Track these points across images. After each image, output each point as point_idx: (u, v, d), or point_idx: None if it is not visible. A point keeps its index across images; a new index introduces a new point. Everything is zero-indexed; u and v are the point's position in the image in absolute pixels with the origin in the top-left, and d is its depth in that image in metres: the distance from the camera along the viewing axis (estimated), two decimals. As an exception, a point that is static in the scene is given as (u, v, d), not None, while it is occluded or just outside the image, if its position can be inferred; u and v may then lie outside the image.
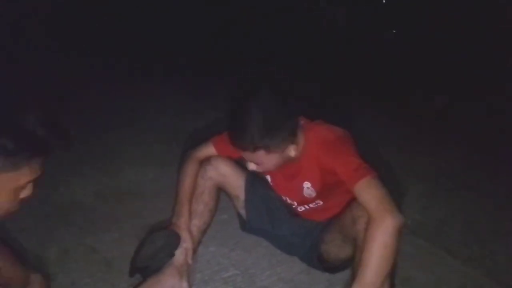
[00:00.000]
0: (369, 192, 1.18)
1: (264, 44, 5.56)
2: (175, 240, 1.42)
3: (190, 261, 1.44)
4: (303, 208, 1.50)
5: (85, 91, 3.44)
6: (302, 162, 1.34)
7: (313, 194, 1.39)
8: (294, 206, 1.51)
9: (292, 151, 1.29)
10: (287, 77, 3.88)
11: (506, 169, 2.47)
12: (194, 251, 1.49)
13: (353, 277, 1.22)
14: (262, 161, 1.28)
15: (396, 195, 1.21)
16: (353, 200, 1.28)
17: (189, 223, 1.47)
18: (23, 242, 1.60)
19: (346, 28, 6.39)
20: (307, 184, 1.38)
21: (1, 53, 3.95)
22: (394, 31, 6.45)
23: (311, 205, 1.47)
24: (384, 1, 6.39)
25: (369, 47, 5.80)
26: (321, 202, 1.44)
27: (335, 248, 1.42)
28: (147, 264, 1.41)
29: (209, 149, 1.52)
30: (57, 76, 3.72)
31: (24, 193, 0.93)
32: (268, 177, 1.51)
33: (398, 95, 3.90)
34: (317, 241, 1.47)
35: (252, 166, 1.33)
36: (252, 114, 1.22)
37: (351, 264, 1.39)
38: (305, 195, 1.41)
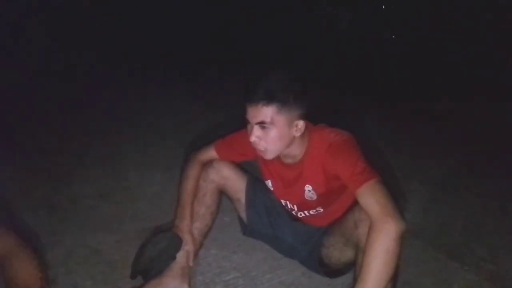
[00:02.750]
0: (372, 196, 1.17)
1: (264, 44, 5.57)
2: (177, 243, 1.43)
3: (191, 264, 1.45)
4: (303, 214, 1.50)
5: (86, 93, 3.46)
6: (305, 164, 1.34)
7: (314, 197, 1.38)
8: (294, 212, 1.51)
9: (298, 130, 1.28)
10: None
11: (508, 171, 2.46)
12: (196, 253, 1.49)
13: (355, 281, 1.22)
14: (271, 122, 1.23)
15: (398, 198, 1.21)
16: (355, 204, 1.27)
17: (191, 226, 1.47)
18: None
19: (348, 30, 6.40)
20: (308, 187, 1.38)
21: (1, 53, 3.99)
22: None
23: (311, 212, 1.46)
24: (383, 7, 6.38)
25: (369, 48, 5.81)
26: (322, 210, 1.44)
27: (336, 252, 1.41)
28: (148, 266, 1.42)
29: (211, 153, 1.53)
30: (57, 77, 3.75)
31: None
32: (269, 182, 1.51)
33: (400, 97, 3.89)
34: (318, 245, 1.47)
35: (255, 135, 1.26)
36: (268, 75, 1.25)
37: (351, 268, 1.40)
38: (307, 198, 1.40)
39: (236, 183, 1.56)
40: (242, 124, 1.45)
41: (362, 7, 6.47)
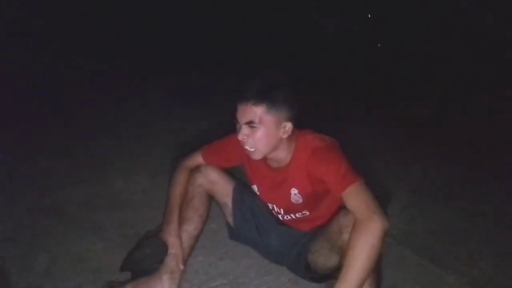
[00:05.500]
0: (357, 197, 1.22)
1: (254, 50, 5.62)
2: (162, 249, 1.43)
3: (181, 267, 1.45)
4: (289, 217, 1.51)
5: (79, 98, 3.43)
6: (291, 168, 1.37)
7: (300, 200, 1.40)
8: (280, 215, 1.53)
9: (285, 132, 1.30)
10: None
11: (492, 180, 2.51)
12: (187, 256, 1.50)
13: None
14: (259, 122, 1.26)
15: (383, 203, 1.24)
16: (340, 210, 1.31)
17: (178, 229, 1.48)
18: (9, 251, 1.59)
19: (334, 37, 6.50)
20: (294, 191, 1.40)
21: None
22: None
23: (297, 215, 1.48)
24: (369, 16, 6.51)
25: (355, 55, 5.89)
26: (308, 213, 1.46)
27: (322, 258, 1.42)
28: (135, 268, 1.44)
29: (197, 159, 1.56)
30: (54, 81, 3.71)
31: None
32: (255, 187, 1.52)
33: (385, 103, 3.95)
34: (304, 251, 1.48)
35: (243, 133, 1.28)
36: (261, 75, 1.28)
37: (337, 273, 1.41)
38: (293, 201, 1.42)
39: (223, 187, 1.58)
40: (229, 131, 1.47)
41: (348, 15, 6.59)
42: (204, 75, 4.39)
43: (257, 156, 1.33)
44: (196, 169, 1.54)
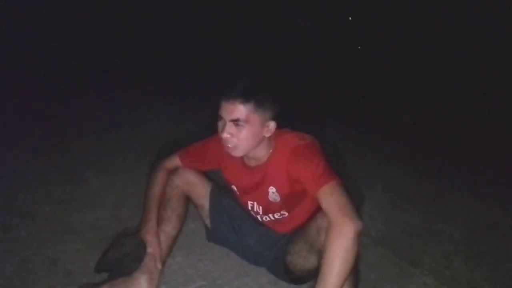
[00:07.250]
0: (331, 197, 1.21)
1: (257, 49, 5.62)
2: (141, 249, 1.42)
3: (159, 266, 1.45)
4: (268, 219, 1.51)
5: (79, 98, 3.42)
6: (269, 166, 1.36)
7: (278, 199, 1.40)
8: (259, 215, 1.52)
9: (268, 130, 1.31)
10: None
11: (469, 182, 2.52)
12: (166, 256, 1.50)
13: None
14: (246, 120, 1.24)
15: (361, 203, 1.23)
16: (317, 211, 1.30)
17: (156, 229, 1.48)
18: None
19: (317, 41, 6.51)
20: (272, 189, 1.39)
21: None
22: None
23: (276, 216, 1.47)
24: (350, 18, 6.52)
25: (338, 58, 5.89)
26: (286, 214, 1.45)
27: (301, 260, 1.43)
28: (112, 267, 1.42)
29: (175, 161, 1.57)
30: (54, 81, 3.72)
31: None
32: (234, 187, 1.52)
33: (367, 107, 3.94)
34: (283, 253, 1.48)
35: (228, 131, 1.26)
36: (246, 76, 1.28)
37: (315, 274, 1.40)
38: (270, 199, 1.42)
39: (200, 189, 1.58)
40: (212, 133, 1.45)
41: (329, 19, 6.59)
42: (204, 75, 4.38)
43: (237, 153, 1.32)
44: (174, 171, 1.54)
